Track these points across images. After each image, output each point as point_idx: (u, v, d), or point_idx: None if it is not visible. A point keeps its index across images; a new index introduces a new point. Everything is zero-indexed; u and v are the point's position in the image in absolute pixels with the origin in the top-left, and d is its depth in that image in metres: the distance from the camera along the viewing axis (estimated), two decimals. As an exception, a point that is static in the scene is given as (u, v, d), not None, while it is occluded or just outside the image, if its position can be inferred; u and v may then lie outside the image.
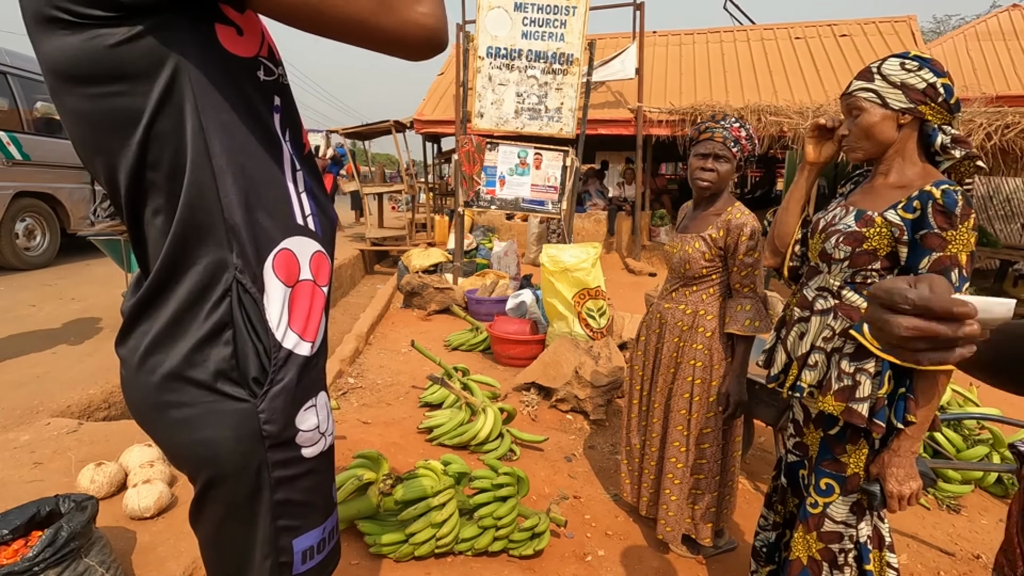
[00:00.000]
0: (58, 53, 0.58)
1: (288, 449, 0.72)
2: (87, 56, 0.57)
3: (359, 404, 3.20)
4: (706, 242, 1.94)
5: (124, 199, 0.66)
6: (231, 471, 0.69)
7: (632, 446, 2.25)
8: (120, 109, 0.60)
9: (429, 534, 1.87)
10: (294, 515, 0.74)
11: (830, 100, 7.61)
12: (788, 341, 1.47)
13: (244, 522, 0.72)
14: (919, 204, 1.24)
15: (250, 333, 0.68)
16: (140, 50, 0.58)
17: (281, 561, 0.74)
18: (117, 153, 0.62)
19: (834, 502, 1.38)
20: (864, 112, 1.31)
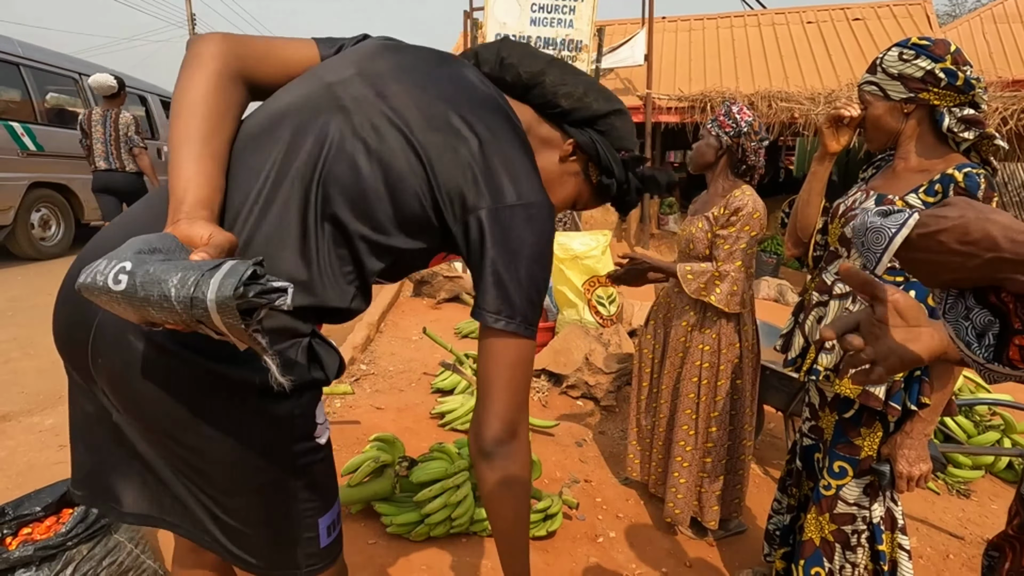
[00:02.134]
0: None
1: (312, 440, 0.78)
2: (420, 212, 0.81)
3: (372, 390, 3.25)
4: (708, 221, 1.98)
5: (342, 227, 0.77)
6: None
7: (641, 427, 2.28)
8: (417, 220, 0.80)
9: (444, 515, 1.91)
10: (315, 498, 0.80)
11: (842, 85, 7.51)
12: (806, 325, 1.48)
13: (282, 509, 0.78)
14: (940, 188, 1.24)
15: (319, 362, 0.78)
16: (420, 249, 0.84)
17: (306, 537, 0.80)
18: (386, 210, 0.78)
19: (847, 484, 1.40)
20: (870, 105, 1.35)
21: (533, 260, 0.78)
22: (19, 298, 4.65)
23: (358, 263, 0.79)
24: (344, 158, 0.76)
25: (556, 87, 0.89)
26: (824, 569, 1.45)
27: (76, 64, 6.57)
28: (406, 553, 1.88)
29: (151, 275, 0.54)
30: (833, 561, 1.44)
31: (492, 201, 0.77)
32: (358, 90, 0.80)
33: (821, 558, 1.45)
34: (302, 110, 0.79)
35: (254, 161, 0.76)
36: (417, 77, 0.83)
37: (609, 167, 0.93)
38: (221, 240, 0.63)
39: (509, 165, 0.79)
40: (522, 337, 0.78)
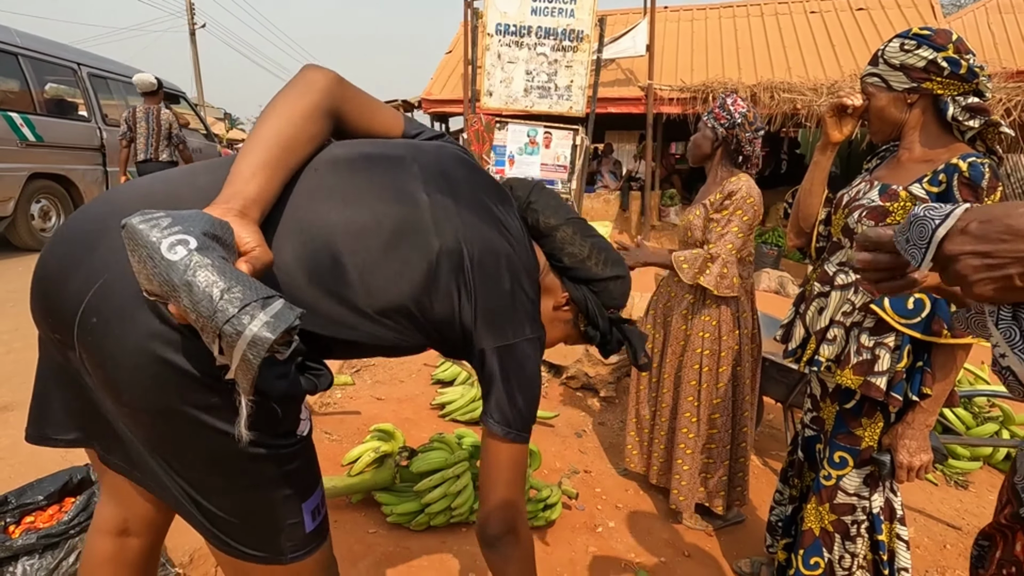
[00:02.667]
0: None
1: (293, 435, 0.80)
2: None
3: (372, 381, 3.26)
4: (705, 208, 2.00)
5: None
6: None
7: (641, 417, 2.29)
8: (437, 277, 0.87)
9: (444, 504, 1.92)
10: (298, 484, 0.81)
11: (845, 76, 7.46)
12: (807, 316, 1.48)
13: (266, 496, 0.79)
14: (944, 177, 1.24)
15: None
16: (419, 343, 0.93)
17: (290, 523, 0.81)
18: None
19: (847, 475, 1.41)
20: (873, 97, 1.35)
21: (532, 382, 0.95)
22: (20, 289, 4.66)
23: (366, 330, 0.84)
24: (409, 251, 0.83)
25: (564, 244, 1.02)
26: (823, 559, 1.46)
27: (75, 54, 6.53)
28: (406, 542, 1.89)
29: (209, 268, 0.53)
30: (832, 551, 1.45)
31: (512, 337, 0.91)
32: (439, 190, 0.89)
33: (821, 548, 1.46)
34: (384, 173, 0.87)
35: (324, 205, 0.81)
36: (481, 206, 0.93)
37: (596, 322, 1.06)
38: (263, 258, 0.65)
39: (526, 308, 0.94)
40: (522, 444, 0.95)
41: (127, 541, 0.97)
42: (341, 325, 0.80)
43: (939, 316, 1.23)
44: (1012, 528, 0.78)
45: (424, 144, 0.97)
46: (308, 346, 0.79)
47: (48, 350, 0.83)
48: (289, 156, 0.77)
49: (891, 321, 1.27)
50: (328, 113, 0.84)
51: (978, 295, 0.52)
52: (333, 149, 0.88)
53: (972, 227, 0.52)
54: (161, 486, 0.80)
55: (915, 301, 1.25)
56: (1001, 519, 0.80)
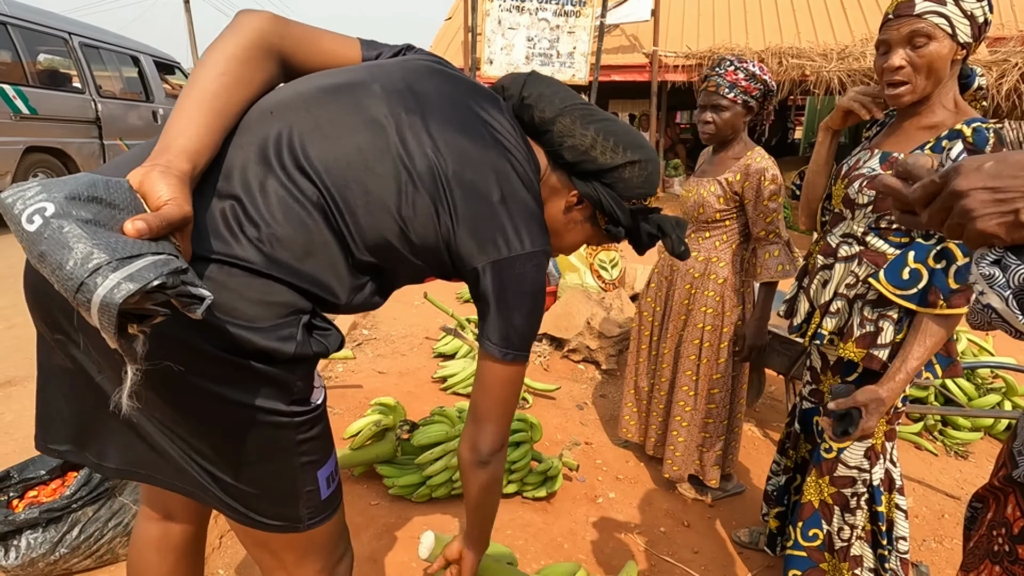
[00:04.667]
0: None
1: (307, 403, 0.80)
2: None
3: (374, 355, 3.26)
4: (722, 186, 1.91)
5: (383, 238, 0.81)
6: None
7: (639, 389, 2.28)
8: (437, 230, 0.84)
9: (445, 477, 1.94)
10: (313, 451, 0.82)
11: (856, 41, 7.25)
12: (811, 289, 1.45)
13: (282, 464, 0.80)
14: (948, 143, 1.19)
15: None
16: (417, 268, 0.88)
17: (307, 490, 0.82)
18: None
19: (848, 447, 1.40)
20: (933, 41, 1.13)
21: (533, 301, 0.89)
22: (18, 264, 4.64)
23: (358, 264, 0.81)
24: (376, 172, 0.78)
25: (562, 138, 0.91)
26: (822, 531, 1.46)
27: (66, 23, 6.38)
28: (407, 514, 1.91)
29: (63, 233, 0.48)
30: (832, 523, 1.45)
31: (506, 251, 0.84)
32: (399, 110, 0.82)
33: (820, 520, 1.46)
34: (346, 102, 0.81)
35: (277, 131, 0.77)
36: (459, 114, 0.86)
37: (616, 217, 0.95)
38: (173, 213, 0.58)
39: (523, 217, 0.86)
40: (520, 364, 0.91)
41: (171, 526, 0.98)
42: (334, 275, 0.78)
43: (935, 286, 1.18)
44: (1005, 491, 0.78)
45: (386, 63, 0.89)
46: (316, 305, 0.78)
47: (49, 359, 0.81)
48: (223, 103, 0.72)
49: (886, 292, 1.23)
50: (266, 53, 0.79)
51: (980, 230, 0.53)
52: (287, 88, 0.83)
53: (987, 166, 0.53)
54: (178, 471, 0.78)
55: (911, 271, 1.20)
56: (995, 481, 0.80)
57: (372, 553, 1.71)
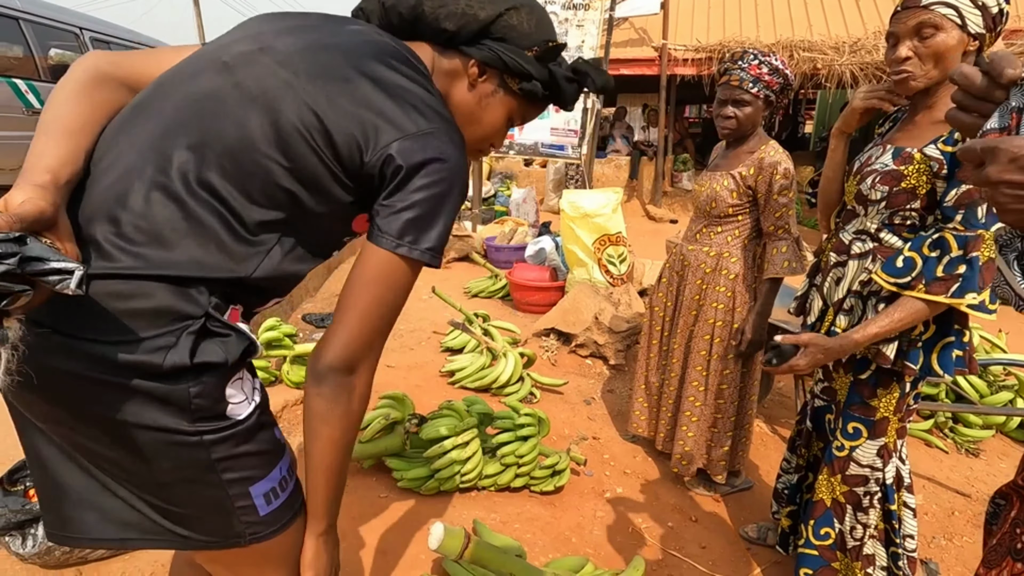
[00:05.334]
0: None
1: (222, 419, 0.74)
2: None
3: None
4: (735, 180, 1.89)
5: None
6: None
7: (650, 384, 2.28)
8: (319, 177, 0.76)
9: (454, 470, 1.95)
10: (242, 467, 0.77)
11: (869, 34, 7.15)
12: (824, 287, 1.44)
13: (203, 484, 0.76)
14: (960, 136, 1.17)
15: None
16: (342, 195, 0.78)
17: (239, 506, 0.77)
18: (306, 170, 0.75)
19: (861, 446, 1.39)
20: (939, 31, 1.14)
21: (444, 189, 0.76)
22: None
23: (248, 226, 0.74)
24: (227, 115, 0.73)
25: (436, 11, 0.84)
26: (834, 530, 1.46)
27: (76, 18, 6.42)
28: (416, 507, 1.92)
29: None
30: (844, 522, 1.45)
31: (397, 133, 0.74)
32: (241, 48, 0.77)
33: (832, 519, 1.46)
34: (181, 77, 0.77)
35: (129, 135, 0.75)
36: (303, 33, 0.80)
37: (523, 71, 0.87)
38: (28, 211, 0.58)
39: (408, 98, 0.77)
40: (410, 263, 0.77)
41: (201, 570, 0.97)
42: (219, 247, 0.73)
43: (922, 274, 1.18)
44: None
45: (227, 37, 0.83)
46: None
47: (29, 443, 0.79)
48: (70, 123, 0.73)
49: (880, 281, 1.23)
50: (102, 81, 0.78)
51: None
52: (139, 101, 0.79)
53: (1021, 156, 0.53)
54: (144, 522, 0.77)
55: (905, 259, 1.21)
56: (1019, 480, 0.80)
57: (382, 545, 1.73)
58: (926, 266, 1.17)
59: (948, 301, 1.15)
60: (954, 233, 1.14)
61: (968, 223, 1.14)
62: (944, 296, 1.15)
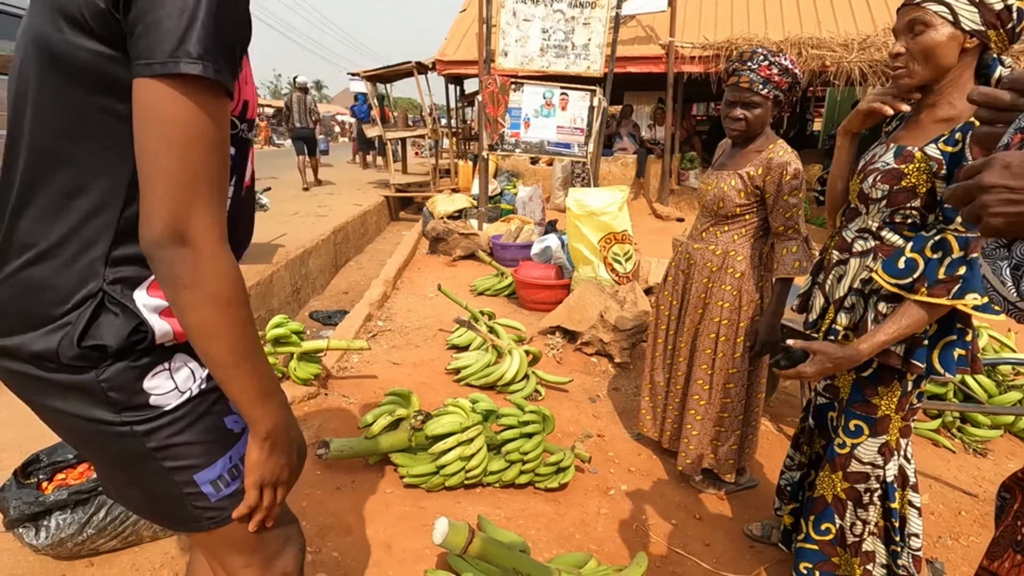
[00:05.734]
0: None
1: (145, 410, 0.73)
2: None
3: (388, 346, 3.30)
4: (743, 179, 1.89)
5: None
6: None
7: (655, 383, 2.29)
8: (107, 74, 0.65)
9: (459, 467, 1.96)
10: (182, 456, 0.76)
11: (878, 30, 7.09)
12: (826, 285, 1.44)
13: (147, 471, 0.77)
14: (960, 136, 1.17)
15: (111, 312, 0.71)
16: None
17: (187, 492, 0.77)
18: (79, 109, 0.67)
19: (862, 443, 1.39)
20: (929, 29, 1.16)
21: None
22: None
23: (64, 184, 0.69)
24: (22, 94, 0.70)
25: None
26: (835, 525, 1.46)
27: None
28: (421, 502, 1.94)
29: None
30: (844, 518, 1.45)
31: None
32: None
33: (832, 515, 1.46)
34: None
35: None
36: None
37: None
38: None
39: None
40: (182, 84, 0.61)
41: None
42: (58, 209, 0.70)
43: (925, 275, 1.18)
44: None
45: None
46: None
47: None
48: None
49: (881, 281, 1.23)
50: None
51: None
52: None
53: (1015, 164, 0.55)
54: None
55: (907, 260, 1.21)
56: (1020, 473, 0.81)
57: (387, 539, 1.74)
58: (928, 268, 1.17)
59: (949, 303, 1.15)
60: (955, 234, 1.14)
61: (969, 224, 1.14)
62: (946, 298, 1.15)
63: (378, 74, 9.64)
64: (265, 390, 0.75)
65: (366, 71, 9.68)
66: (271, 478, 0.79)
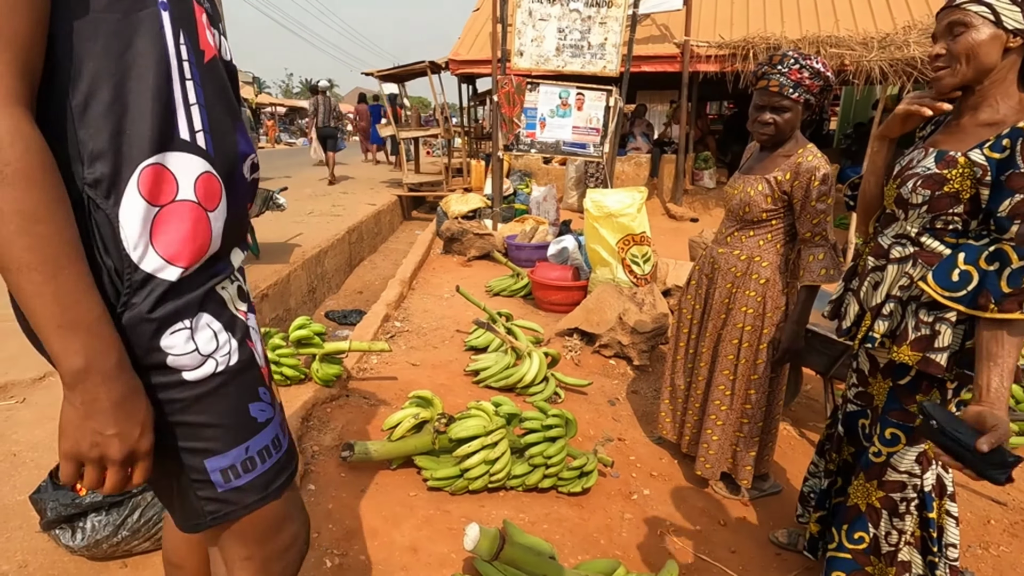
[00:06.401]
0: None
1: (161, 373, 0.68)
2: None
3: (407, 347, 3.30)
4: (770, 184, 1.86)
5: None
6: None
7: (676, 387, 2.27)
8: None
9: (483, 470, 1.96)
10: (196, 437, 0.72)
11: (898, 28, 6.98)
12: (861, 292, 1.42)
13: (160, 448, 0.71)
14: (1008, 143, 1.14)
15: (99, 253, 0.63)
16: None
17: (194, 479, 0.73)
18: None
19: (899, 452, 1.37)
20: (970, 29, 1.16)
21: None
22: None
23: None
24: None
25: None
26: (868, 534, 1.44)
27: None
28: (446, 506, 1.94)
29: None
30: (879, 527, 1.43)
31: None
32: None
33: (867, 523, 1.44)
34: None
35: None
36: None
37: None
38: None
39: None
40: None
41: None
42: None
43: (986, 289, 1.13)
44: None
45: None
46: None
47: None
48: None
49: (934, 294, 1.20)
50: None
51: None
52: None
53: None
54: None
55: (961, 273, 1.17)
56: None
57: (413, 543, 1.75)
58: (987, 281, 1.13)
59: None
60: (1013, 245, 1.12)
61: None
62: (1020, 312, 1.09)
63: (392, 73, 9.66)
64: (67, 316, 0.58)
65: (380, 71, 9.70)
66: (90, 451, 0.63)
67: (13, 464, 1.97)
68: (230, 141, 0.75)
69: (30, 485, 1.75)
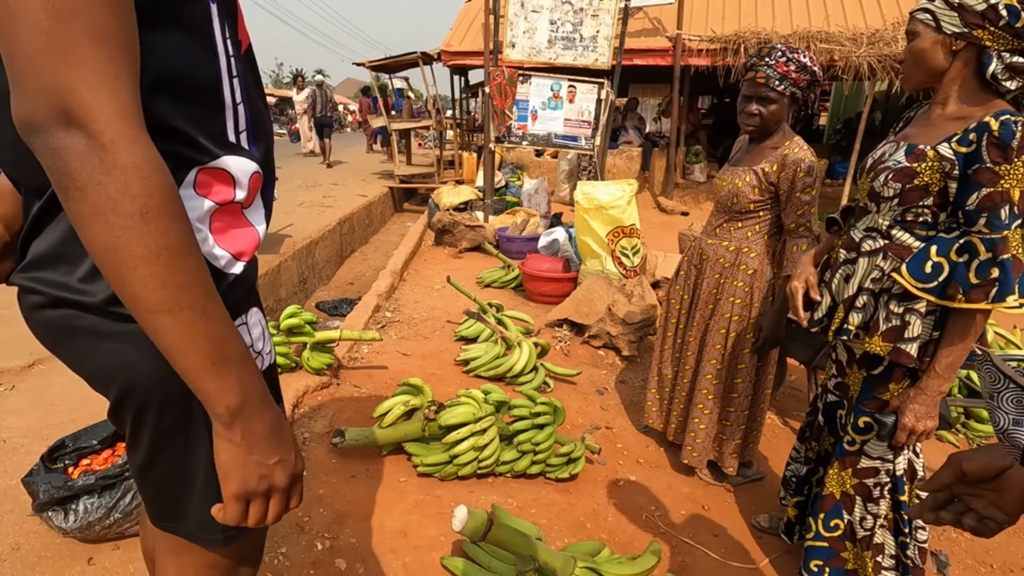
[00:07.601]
0: None
1: None
2: None
3: (398, 337, 3.33)
4: (757, 176, 1.90)
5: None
6: (154, 397, 0.62)
7: (663, 376, 2.31)
8: None
9: (472, 456, 2.00)
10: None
11: (888, 24, 7.05)
12: (833, 284, 1.46)
13: (179, 449, 0.66)
14: (975, 137, 1.18)
15: None
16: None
17: (207, 482, 0.67)
18: None
19: (871, 439, 1.42)
20: (916, 36, 1.26)
21: None
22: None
23: None
24: None
25: None
26: (843, 521, 1.49)
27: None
28: (436, 491, 1.97)
29: None
30: (853, 513, 1.48)
31: None
32: None
33: (841, 511, 1.49)
34: None
35: None
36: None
37: None
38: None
39: None
40: None
41: None
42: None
43: (955, 280, 1.20)
44: None
45: None
46: None
47: None
48: None
49: (908, 286, 1.25)
50: None
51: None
52: None
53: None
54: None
55: (933, 265, 1.23)
56: None
57: (403, 527, 1.78)
58: (956, 272, 1.19)
59: (990, 306, 1.17)
60: (980, 237, 1.16)
61: (992, 225, 1.16)
62: (985, 303, 1.17)
63: (384, 64, 9.60)
64: (220, 352, 0.54)
65: (371, 61, 9.64)
66: (259, 484, 0.59)
67: (4, 450, 1.98)
68: (268, 132, 0.73)
69: (21, 470, 1.76)
